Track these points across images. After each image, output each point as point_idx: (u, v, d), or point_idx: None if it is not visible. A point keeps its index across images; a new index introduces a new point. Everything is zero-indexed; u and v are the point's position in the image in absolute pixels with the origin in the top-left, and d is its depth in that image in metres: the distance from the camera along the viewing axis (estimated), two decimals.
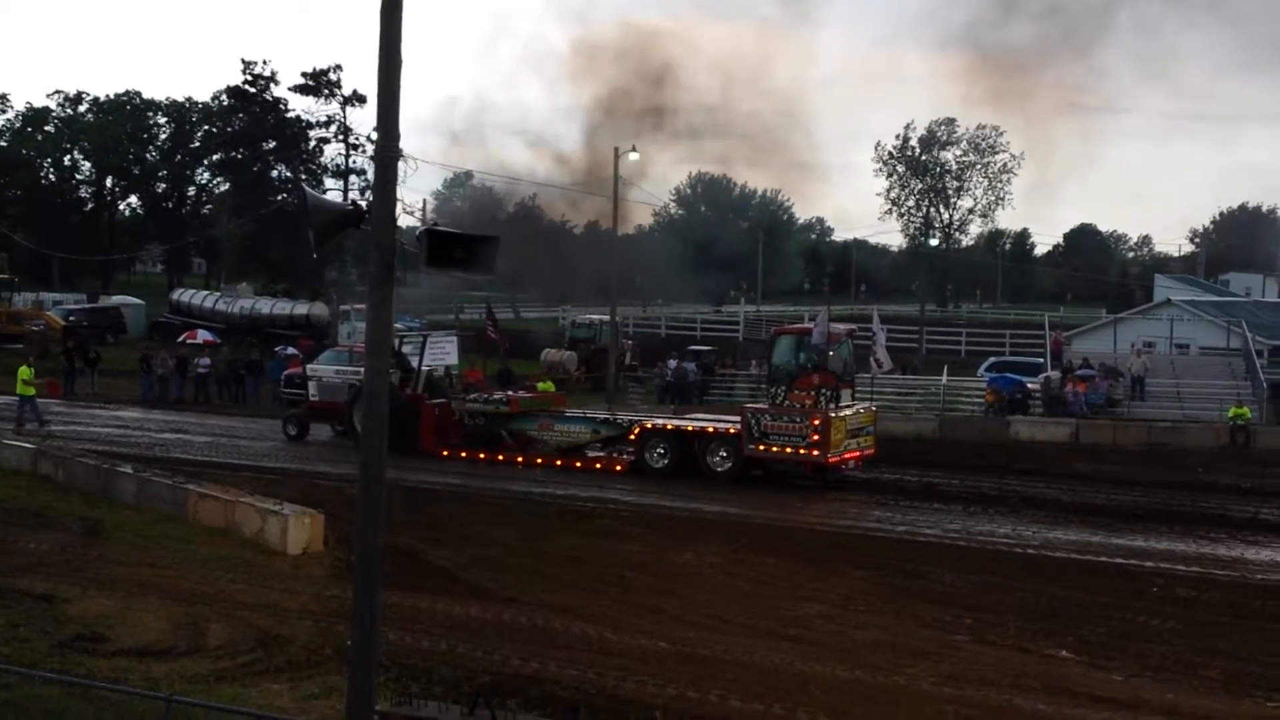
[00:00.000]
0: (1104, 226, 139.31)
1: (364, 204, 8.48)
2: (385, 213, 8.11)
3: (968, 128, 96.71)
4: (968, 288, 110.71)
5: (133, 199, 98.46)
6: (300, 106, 75.64)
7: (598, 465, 28.39)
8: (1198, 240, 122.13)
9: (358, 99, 74.35)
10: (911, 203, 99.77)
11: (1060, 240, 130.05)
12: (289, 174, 76.40)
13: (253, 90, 76.14)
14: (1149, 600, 17.13)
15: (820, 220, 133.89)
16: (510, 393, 31.43)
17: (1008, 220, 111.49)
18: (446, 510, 22.43)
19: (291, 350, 45.39)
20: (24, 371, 32.95)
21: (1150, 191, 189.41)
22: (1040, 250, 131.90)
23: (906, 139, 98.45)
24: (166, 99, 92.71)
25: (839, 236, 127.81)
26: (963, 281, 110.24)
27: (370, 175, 59.89)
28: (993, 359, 49.74)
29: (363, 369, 8.82)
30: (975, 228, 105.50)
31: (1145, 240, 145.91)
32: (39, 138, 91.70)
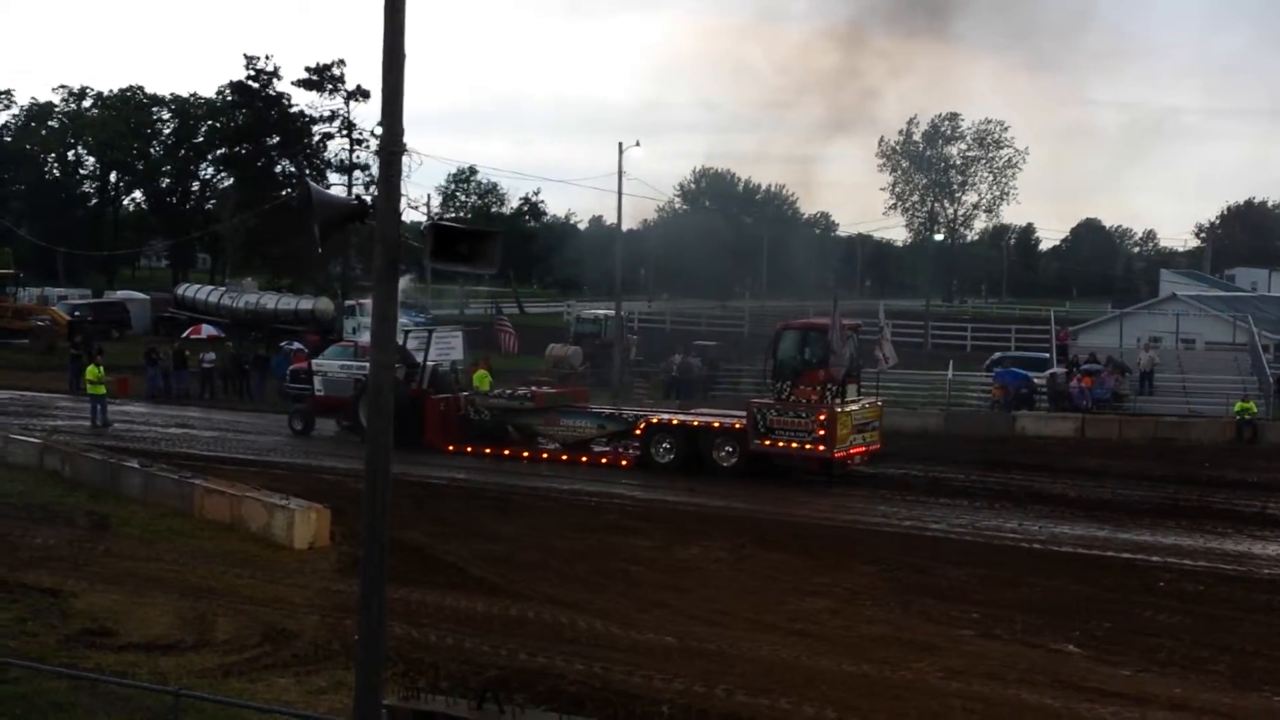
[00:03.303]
0: (1109, 221, 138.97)
1: (368, 199, 8.47)
2: (389, 208, 8.09)
3: (972, 122, 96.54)
4: (973, 283, 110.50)
5: (137, 194, 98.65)
6: (304, 102, 75.56)
7: (603, 460, 28.38)
8: (1204, 235, 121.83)
9: (361, 94, 74.15)
10: (915, 198, 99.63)
11: (1066, 235, 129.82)
12: (293, 169, 76.38)
13: (256, 85, 76.08)
14: (1156, 595, 17.10)
15: (825, 215, 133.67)
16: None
17: (1013, 215, 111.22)
18: (453, 505, 22.45)
19: (297, 345, 45.36)
20: (92, 371, 32.98)
21: (1158, 185, 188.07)
22: (1045, 245, 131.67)
23: (909, 134, 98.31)
24: (170, 94, 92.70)
25: (843, 232, 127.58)
26: (968, 276, 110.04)
27: (374, 170, 60.03)
28: (999, 354, 49.75)
29: (368, 364, 8.81)
30: (980, 223, 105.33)
31: (1150, 235, 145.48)
32: (43, 133, 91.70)
